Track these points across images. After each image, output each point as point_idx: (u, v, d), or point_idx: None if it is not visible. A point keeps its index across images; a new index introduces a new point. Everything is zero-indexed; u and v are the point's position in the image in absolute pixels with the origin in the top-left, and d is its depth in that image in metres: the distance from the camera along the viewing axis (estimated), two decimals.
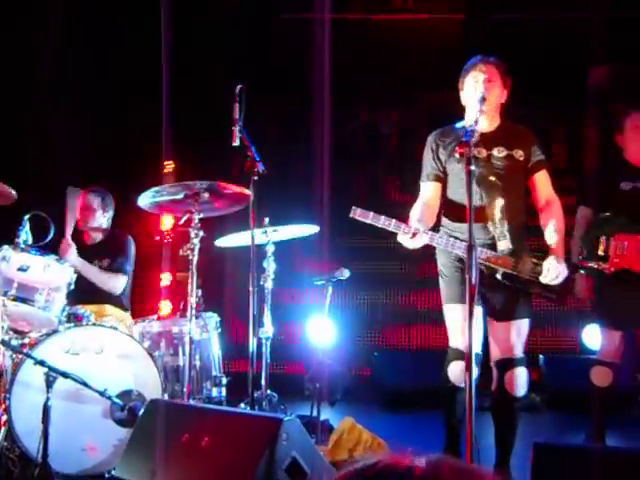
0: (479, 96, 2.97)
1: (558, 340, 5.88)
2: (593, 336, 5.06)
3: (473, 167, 2.47)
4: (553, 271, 2.93)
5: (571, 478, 1.94)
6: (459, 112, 3.22)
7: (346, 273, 3.77)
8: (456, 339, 3.08)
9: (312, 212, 5.09)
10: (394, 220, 2.88)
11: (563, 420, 4.87)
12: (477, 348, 2.82)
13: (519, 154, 3.11)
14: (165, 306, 5.73)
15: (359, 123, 7.35)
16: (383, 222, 2.86)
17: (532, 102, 6.38)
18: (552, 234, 2.95)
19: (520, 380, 3.02)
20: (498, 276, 2.97)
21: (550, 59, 6.25)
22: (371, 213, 2.89)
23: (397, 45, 6.67)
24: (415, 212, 3.08)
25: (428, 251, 3.22)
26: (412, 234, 2.81)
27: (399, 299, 6.11)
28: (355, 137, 7.20)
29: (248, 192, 3.48)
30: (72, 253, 4.02)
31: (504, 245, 2.99)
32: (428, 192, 3.15)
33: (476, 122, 2.72)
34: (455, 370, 3.04)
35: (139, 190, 3.67)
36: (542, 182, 3.17)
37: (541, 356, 5.34)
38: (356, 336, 6.00)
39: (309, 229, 4.04)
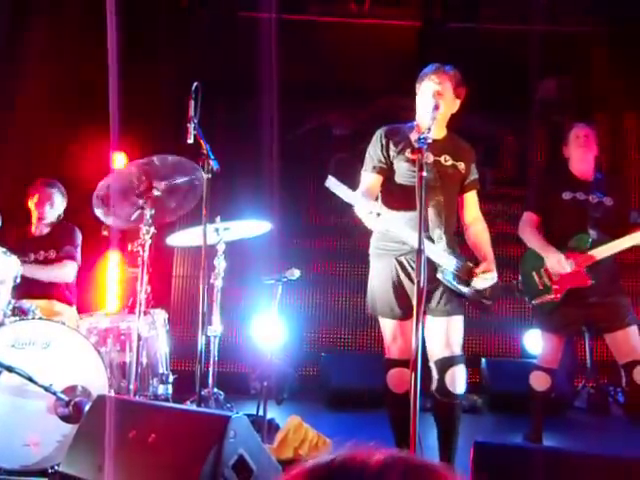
0: (432, 104, 3.05)
1: (499, 345, 6.06)
2: (534, 341, 5.23)
3: (425, 173, 2.54)
4: (489, 275, 3.06)
5: (510, 477, 2.01)
6: (412, 117, 3.30)
7: (296, 273, 3.80)
8: (393, 350, 3.17)
9: (264, 212, 5.10)
10: (363, 197, 2.90)
11: (503, 421, 5.00)
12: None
13: (462, 166, 3.22)
14: (112, 302, 5.66)
15: (312, 124, 7.40)
16: (352, 197, 2.88)
17: (484, 112, 6.55)
18: (484, 245, 3.17)
19: (460, 378, 3.09)
20: (439, 275, 3.05)
21: (503, 69, 6.40)
22: (344, 186, 2.90)
23: (352, 49, 6.74)
24: (363, 197, 3.09)
25: None
26: (377, 214, 2.84)
27: (349, 300, 6.18)
28: (308, 138, 7.25)
29: (197, 171, 3.49)
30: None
31: (441, 247, 3.07)
32: (370, 182, 3.18)
33: (429, 130, 2.79)
34: (394, 378, 3.13)
35: (87, 184, 3.63)
36: (473, 200, 3.32)
37: (483, 359, 5.49)
38: (304, 336, 6.04)
39: (261, 227, 4.06)
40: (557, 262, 3.72)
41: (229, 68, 6.33)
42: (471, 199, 3.31)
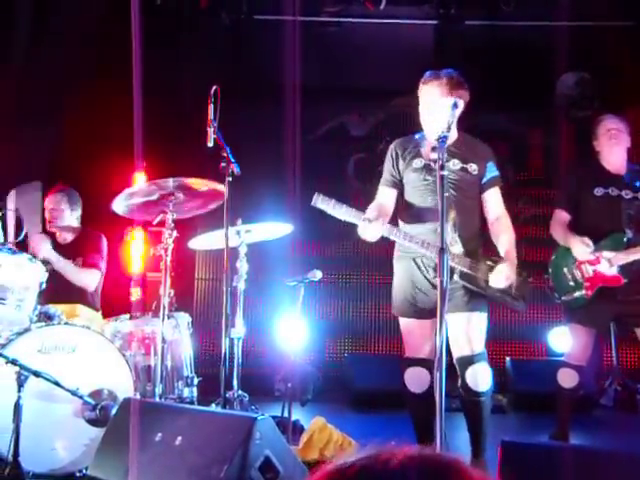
0: (432, 115, 3.09)
1: (524, 345, 6.03)
2: (559, 339, 5.18)
3: (445, 172, 2.54)
4: (503, 274, 3.05)
5: (537, 475, 2.00)
6: None
7: (318, 274, 3.81)
8: (411, 350, 3.19)
9: (285, 214, 5.12)
10: (354, 210, 2.93)
11: (528, 421, 4.97)
12: (431, 354, 2.91)
13: (473, 168, 3.21)
14: (136, 303, 5.70)
15: (330, 125, 7.41)
16: (344, 212, 2.91)
17: (507, 110, 6.51)
18: (505, 244, 3.15)
19: (482, 375, 3.09)
20: (455, 277, 3.05)
21: (522, 67, 6.35)
22: (333, 201, 2.94)
23: (369, 49, 6.74)
24: (371, 210, 3.16)
25: None
26: (369, 221, 2.87)
27: (372, 303, 6.18)
28: (327, 139, 7.25)
29: (220, 187, 3.51)
30: (46, 247, 4.02)
31: (457, 249, 3.07)
32: (384, 196, 3.26)
33: (449, 129, 2.78)
34: (410, 377, 3.16)
35: (110, 193, 3.67)
36: (493, 198, 3.29)
37: (507, 359, 5.45)
38: (327, 338, 6.05)
39: (283, 228, 4.07)
40: (580, 244, 3.66)
41: (247, 70, 6.36)
42: (492, 197, 3.29)
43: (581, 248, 3.68)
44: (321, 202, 2.93)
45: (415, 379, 3.13)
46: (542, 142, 6.96)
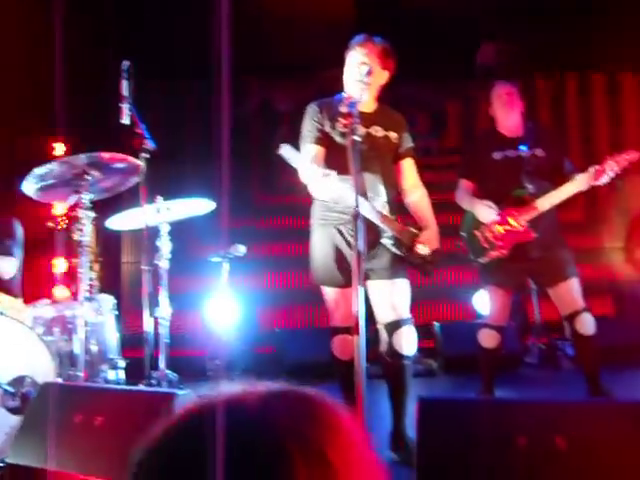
0: (359, 77, 3.07)
1: (452, 309, 6.16)
2: (483, 301, 5.30)
3: (358, 138, 2.54)
4: (430, 241, 3.12)
5: (455, 429, 2.04)
6: None
7: (242, 249, 3.78)
8: (337, 318, 3.21)
9: (209, 191, 5.07)
10: (315, 165, 2.90)
11: (458, 383, 5.10)
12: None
13: (393, 136, 3.25)
14: (60, 292, 5.55)
15: (256, 101, 7.34)
16: (303, 163, 2.87)
17: (427, 80, 6.57)
18: (426, 212, 3.22)
19: (409, 339, 3.15)
20: (384, 240, 3.07)
21: (446, 37, 6.41)
22: (298, 153, 2.90)
23: (292, 21, 6.67)
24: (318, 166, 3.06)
25: None
26: (325, 175, 2.83)
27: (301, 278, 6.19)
28: (252, 115, 7.19)
29: (136, 162, 3.42)
30: None
31: (388, 214, 3.10)
32: (313, 153, 3.16)
33: (358, 99, 2.79)
34: (338, 345, 3.18)
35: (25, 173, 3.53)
36: (410, 167, 3.34)
37: (436, 323, 5.56)
38: (258, 314, 6.03)
39: (205, 205, 4.01)
40: (485, 209, 3.76)
41: (169, 45, 6.22)
42: (408, 166, 3.34)
43: (486, 211, 3.77)
44: (286, 151, 2.88)
45: (343, 347, 3.15)
46: (462, 112, 7.06)
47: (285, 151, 2.81)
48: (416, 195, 3.32)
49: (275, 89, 7.41)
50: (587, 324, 3.72)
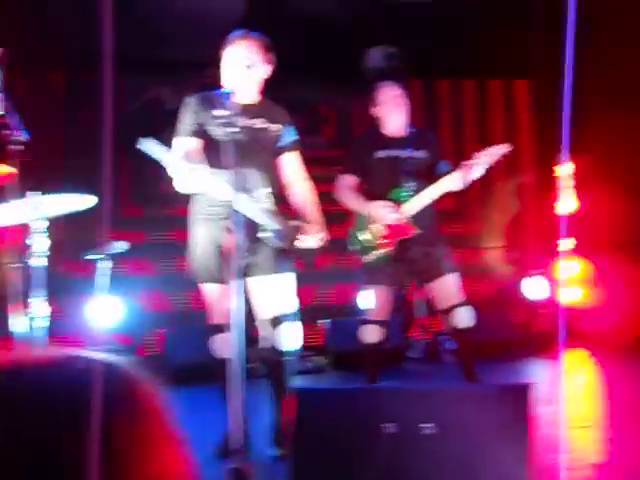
0: (241, 70, 3.07)
1: (341, 305, 6.25)
2: (366, 297, 5.41)
3: (233, 129, 2.54)
4: (316, 235, 3.13)
5: (329, 419, 2.08)
6: None
7: (124, 245, 3.67)
8: (217, 316, 3.15)
9: (92, 186, 4.90)
10: (180, 158, 2.84)
11: (346, 379, 5.19)
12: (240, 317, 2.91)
13: (275, 128, 3.25)
14: None
15: (145, 99, 7.18)
16: (168, 157, 2.82)
17: (307, 79, 6.64)
18: (310, 206, 3.23)
19: (290, 335, 3.15)
20: (264, 234, 3.07)
21: (343, 40, 6.50)
22: (161, 147, 2.84)
23: (182, 18, 6.58)
24: (186, 159, 3.01)
25: None
26: (192, 170, 2.80)
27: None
28: (141, 113, 7.03)
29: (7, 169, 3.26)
30: None
31: (267, 206, 3.11)
32: (187, 146, 3.10)
33: (236, 91, 2.80)
34: (217, 344, 3.13)
35: None
36: (294, 161, 3.34)
37: (326, 320, 5.62)
38: (145, 311, 5.88)
39: (86, 201, 3.85)
40: (381, 208, 3.83)
41: (57, 37, 5.98)
42: (291, 159, 3.34)
43: (382, 211, 3.85)
44: (146, 145, 2.81)
45: (224, 346, 3.11)
46: (337, 110, 7.16)
47: (146, 146, 2.76)
48: (300, 188, 3.32)
49: (167, 87, 7.28)
50: (464, 317, 3.86)
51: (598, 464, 2.92)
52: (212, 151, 3.05)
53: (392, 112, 3.98)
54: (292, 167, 3.34)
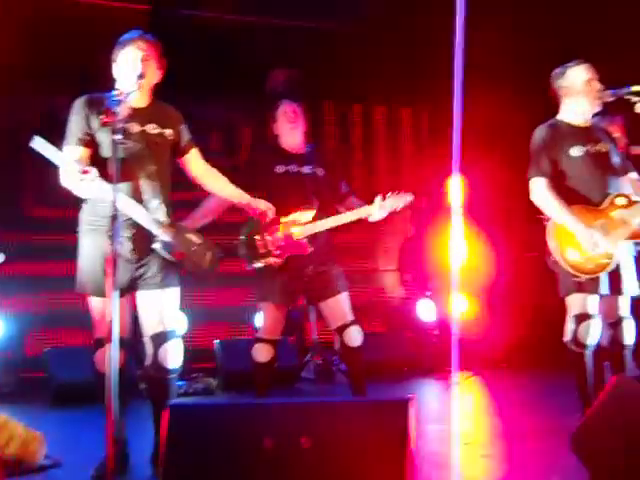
0: (137, 72, 3.00)
1: (231, 326, 6.17)
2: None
3: (119, 137, 2.46)
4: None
5: (205, 435, 2.01)
6: None
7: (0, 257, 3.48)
8: (100, 330, 3.03)
9: None
10: (74, 160, 2.74)
11: (237, 399, 5.06)
12: (124, 332, 2.81)
13: (169, 133, 3.19)
14: None
15: (41, 109, 6.92)
16: (61, 158, 2.71)
17: (212, 98, 6.59)
18: (235, 192, 3.33)
19: (174, 353, 3.07)
20: (155, 245, 2.99)
21: (230, 59, 6.49)
22: (53, 147, 2.73)
23: (81, 29, 6.39)
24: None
25: None
26: (83, 171, 2.70)
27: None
28: (37, 123, 6.75)
29: None
30: None
31: (159, 216, 3.03)
32: (77, 156, 2.99)
33: (127, 95, 2.73)
34: (100, 358, 3.00)
35: None
36: (197, 157, 3.32)
37: (216, 342, 5.51)
38: (27, 335, 5.59)
39: None
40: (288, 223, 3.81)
41: None
42: (194, 157, 3.31)
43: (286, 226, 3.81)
44: (40, 145, 2.69)
45: (103, 359, 2.96)
46: (254, 132, 7.15)
47: (39, 145, 2.64)
48: (212, 176, 3.33)
49: (60, 97, 7.02)
50: (355, 336, 3.88)
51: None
52: (102, 158, 2.97)
53: (289, 127, 4.00)
54: (197, 163, 3.32)
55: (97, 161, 3.03)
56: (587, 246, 3.49)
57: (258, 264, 3.84)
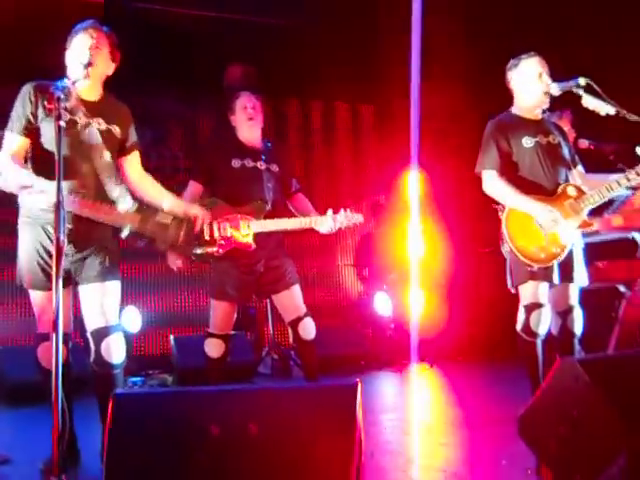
0: (85, 60, 2.95)
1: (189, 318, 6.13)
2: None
3: (63, 123, 2.42)
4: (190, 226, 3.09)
5: (149, 423, 1.98)
6: None
7: None
8: (45, 324, 2.98)
9: None
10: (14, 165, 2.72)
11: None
12: (66, 327, 2.75)
13: (117, 130, 3.14)
14: None
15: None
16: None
17: (166, 92, 6.52)
18: (170, 200, 3.20)
19: (116, 347, 3.02)
20: (123, 234, 2.98)
21: (187, 53, 6.43)
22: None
23: (32, 21, 6.26)
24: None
25: None
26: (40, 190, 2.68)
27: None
28: None
29: None
30: None
31: (126, 205, 3.00)
32: (17, 145, 2.95)
33: (74, 83, 2.68)
34: (46, 352, 2.92)
35: None
36: (137, 160, 3.28)
37: (171, 337, 5.46)
38: None
39: None
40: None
41: None
42: (135, 160, 3.27)
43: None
44: None
45: (48, 354, 2.91)
46: (184, 121, 7.08)
47: None
48: (148, 183, 3.27)
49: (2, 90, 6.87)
50: (308, 328, 3.89)
51: (435, 469, 2.99)
52: (45, 151, 2.92)
53: (247, 121, 3.97)
54: (136, 165, 3.27)
55: (38, 153, 2.99)
56: (546, 224, 3.51)
57: (199, 250, 3.79)
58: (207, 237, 3.76)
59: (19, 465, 3.16)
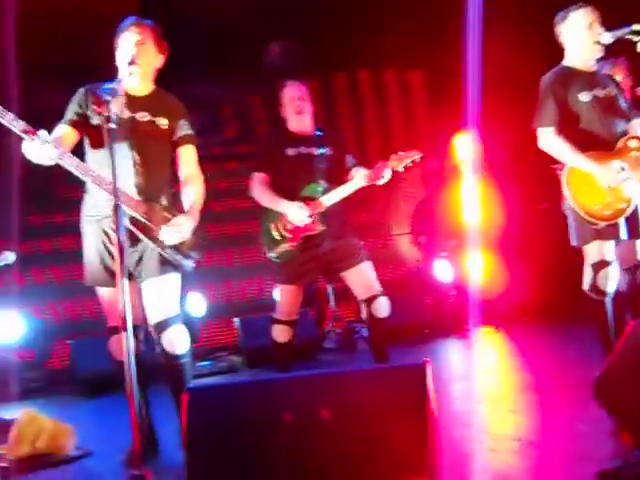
0: (128, 58, 2.97)
1: (253, 301, 6.21)
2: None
3: (113, 125, 2.44)
4: (176, 227, 2.99)
5: (224, 415, 2.01)
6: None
7: (11, 256, 3.50)
8: (111, 319, 3.06)
9: None
10: (22, 122, 2.68)
11: (260, 376, 5.09)
12: (136, 320, 2.79)
13: (162, 122, 3.13)
14: None
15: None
16: (8, 119, 2.65)
17: (209, 77, 6.53)
18: (190, 200, 3.10)
19: (178, 338, 3.07)
20: (127, 223, 2.94)
21: (225, 33, 6.41)
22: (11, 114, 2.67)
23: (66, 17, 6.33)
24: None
25: None
26: (43, 140, 2.65)
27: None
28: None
29: None
30: None
31: (137, 196, 3.00)
32: (60, 132, 2.98)
33: (119, 82, 2.70)
34: (115, 346, 3.02)
35: None
36: (186, 156, 3.23)
37: (236, 319, 5.53)
38: (47, 322, 5.62)
39: None
40: (297, 209, 3.80)
41: None
42: (185, 153, 3.23)
43: (298, 212, 3.81)
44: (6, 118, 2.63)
45: (119, 347, 2.98)
46: (239, 108, 7.08)
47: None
48: (189, 186, 3.21)
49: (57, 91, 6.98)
50: (383, 307, 3.90)
51: (509, 438, 2.97)
52: (94, 150, 2.97)
53: (296, 112, 3.99)
54: (184, 162, 3.23)
55: (88, 152, 3.05)
56: (609, 180, 3.40)
57: (274, 252, 3.85)
58: (277, 237, 3.82)
59: (100, 457, 3.26)
